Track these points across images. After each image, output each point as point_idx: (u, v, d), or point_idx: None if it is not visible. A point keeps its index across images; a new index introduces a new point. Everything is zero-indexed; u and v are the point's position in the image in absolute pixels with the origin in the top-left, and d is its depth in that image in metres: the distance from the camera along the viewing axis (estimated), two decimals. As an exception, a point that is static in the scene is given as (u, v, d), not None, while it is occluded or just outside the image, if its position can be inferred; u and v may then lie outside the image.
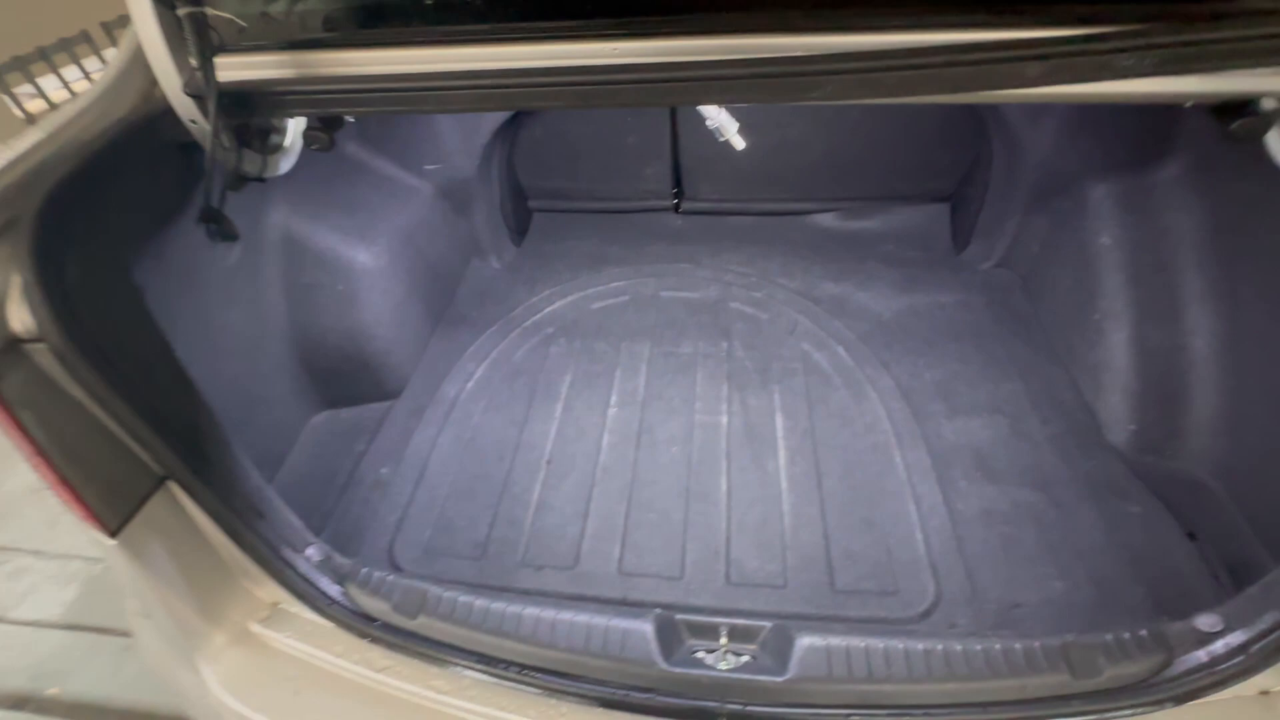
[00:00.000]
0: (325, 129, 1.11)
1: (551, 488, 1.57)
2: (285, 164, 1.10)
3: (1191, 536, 1.34)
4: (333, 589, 1.07)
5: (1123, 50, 0.75)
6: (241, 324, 1.49)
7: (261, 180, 1.06)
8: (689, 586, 1.37)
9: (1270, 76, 0.79)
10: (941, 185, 2.26)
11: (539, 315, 2.08)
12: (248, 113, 0.95)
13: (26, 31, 4.87)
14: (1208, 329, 1.46)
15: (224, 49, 0.90)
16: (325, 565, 1.09)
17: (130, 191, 0.94)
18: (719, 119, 1.28)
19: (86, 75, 5.21)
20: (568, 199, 2.47)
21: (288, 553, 1.05)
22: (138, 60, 1.00)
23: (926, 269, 2.15)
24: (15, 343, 0.82)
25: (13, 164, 0.86)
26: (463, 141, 1.95)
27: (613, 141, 2.27)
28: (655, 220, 2.47)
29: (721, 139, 1.32)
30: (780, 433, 1.67)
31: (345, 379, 1.75)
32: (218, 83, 0.87)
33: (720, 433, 1.68)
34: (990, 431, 1.64)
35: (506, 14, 0.93)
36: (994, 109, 1.88)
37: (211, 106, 0.87)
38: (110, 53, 5.43)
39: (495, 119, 1.91)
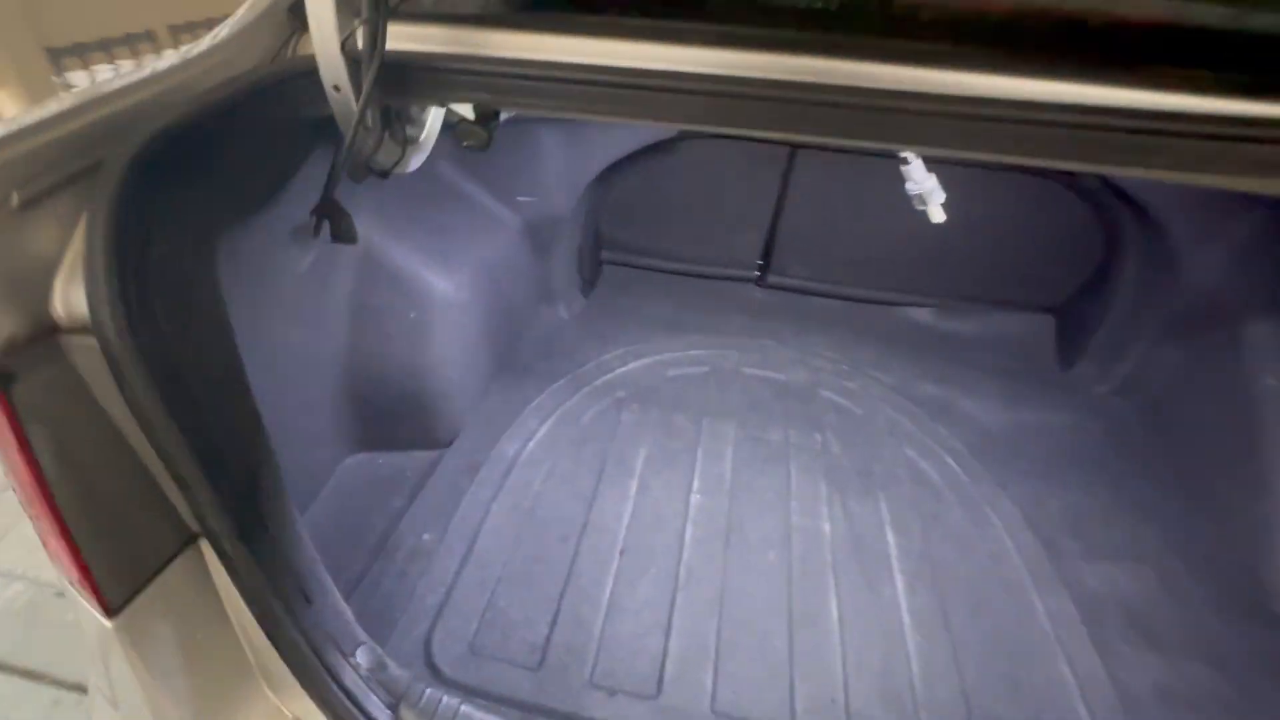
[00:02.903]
0: (484, 125, 0.92)
1: (626, 585, 1.31)
2: (416, 160, 0.91)
3: None
4: (382, 714, 0.79)
5: None
6: (299, 344, 1.26)
7: (385, 175, 0.87)
8: (803, 743, 1.09)
9: None
10: (1048, 296, 2.12)
11: (610, 375, 1.86)
12: (404, 92, 0.76)
13: (98, 22, 4.87)
14: None
15: (393, 13, 0.72)
16: (376, 677, 0.81)
17: (237, 163, 0.74)
18: (925, 185, 1.11)
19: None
20: (645, 255, 2.30)
21: (333, 656, 0.78)
22: (270, 16, 0.83)
23: (1033, 383, 1.97)
24: (51, 332, 0.59)
25: (99, 100, 0.65)
26: (566, 177, 1.79)
27: (710, 202, 2.12)
28: (734, 290, 2.30)
29: (920, 208, 1.15)
30: (893, 551, 1.43)
31: (394, 419, 1.51)
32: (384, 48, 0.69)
33: (823, 542, 1.43)
34: (1138, 584, 1.40)
35: (734, 15, 0.76)
36: (1144, 222, 1.74)
37: (371, 71, 0.68)
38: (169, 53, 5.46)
39: (607, 155, 1.76)
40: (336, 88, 0.73)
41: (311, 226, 0.89)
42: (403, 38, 0.76)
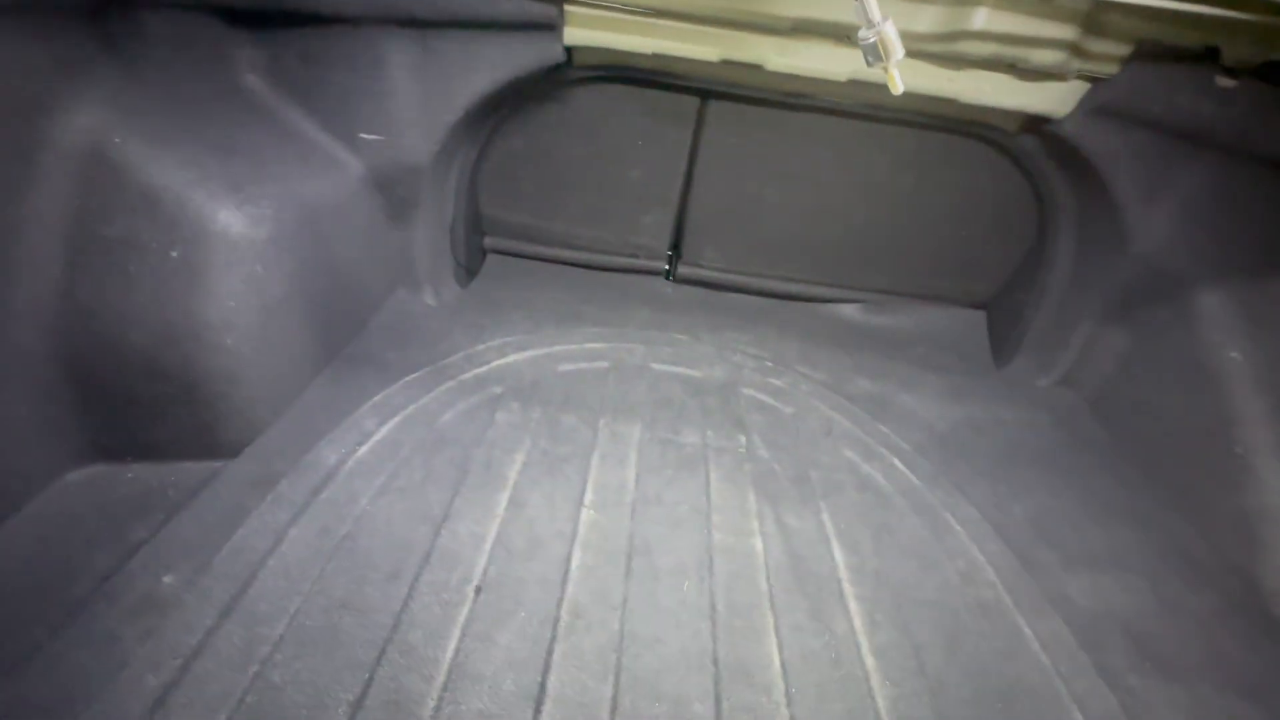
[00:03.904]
0: None
1: (481, 638, 0.89)
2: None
3: None
4: None
5: None
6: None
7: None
8: None
9: None
10: (980, 289, 1.95)
11: (483, 368, 1.47)
12: None
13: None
14: None
15: None
16: None
17: None
18: (883, 29, 0.83)
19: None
20: (535, 241, 1.96)
21: None
22: None
23: (974, 379, 1.76)
24: None
25: None
26: (425, 112, 1.42)
27: (610, 174, 1.82)
28: (640, 284, 2.00)
29: (874, 64, 0.88)
30: (843, 572, 1.10)
31: (147, 410, 1.04)
32: None
33: (756, 564, 1.08)
34: (1130, 596, 1.15)
35: None
36: (1081, 187, 1.60)
37: None
38: None
39: (474, 86, 1.41)
40: None
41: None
42: None
